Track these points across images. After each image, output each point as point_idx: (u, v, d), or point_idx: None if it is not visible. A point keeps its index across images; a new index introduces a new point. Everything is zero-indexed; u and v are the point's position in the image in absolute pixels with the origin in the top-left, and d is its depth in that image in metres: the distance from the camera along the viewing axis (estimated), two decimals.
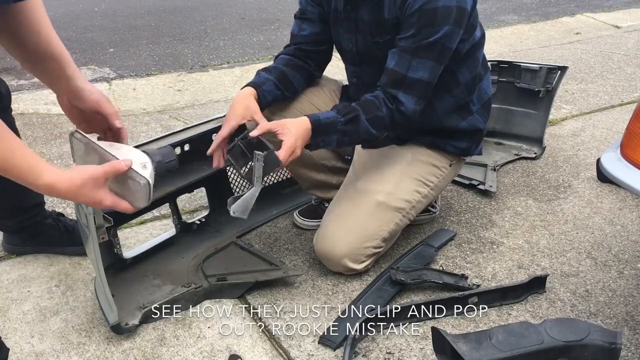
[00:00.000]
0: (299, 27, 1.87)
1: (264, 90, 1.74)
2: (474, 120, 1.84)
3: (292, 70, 1.84)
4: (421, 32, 1.59)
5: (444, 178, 1.90)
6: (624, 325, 1.61)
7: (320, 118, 1.60)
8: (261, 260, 1.83)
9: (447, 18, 1.58)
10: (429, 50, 1.61)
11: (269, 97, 1.76)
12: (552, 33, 4.96)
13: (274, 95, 1.77)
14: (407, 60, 1.62)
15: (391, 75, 1.65)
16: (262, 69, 1.83)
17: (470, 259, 1.91)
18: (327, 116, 1.61)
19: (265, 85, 1.75)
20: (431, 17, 1.57)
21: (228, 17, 5.47)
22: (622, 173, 1.41)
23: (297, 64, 1.86)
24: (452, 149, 1.87)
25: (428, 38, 1.59)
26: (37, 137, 2.71)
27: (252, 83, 1.75)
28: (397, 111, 1.65)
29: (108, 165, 1.21)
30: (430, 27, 1.58)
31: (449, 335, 1.34)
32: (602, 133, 2.86)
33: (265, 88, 1.75)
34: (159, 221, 2.10)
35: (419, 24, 1.58)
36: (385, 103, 1.64)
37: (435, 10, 1.56)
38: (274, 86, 1.77)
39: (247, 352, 1.53)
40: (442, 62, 1.65)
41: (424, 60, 1.62)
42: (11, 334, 1.58)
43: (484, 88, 1.85)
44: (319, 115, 1.61)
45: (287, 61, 1.85)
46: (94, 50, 4.40)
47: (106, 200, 1.22)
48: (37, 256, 1.90)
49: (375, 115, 1.63)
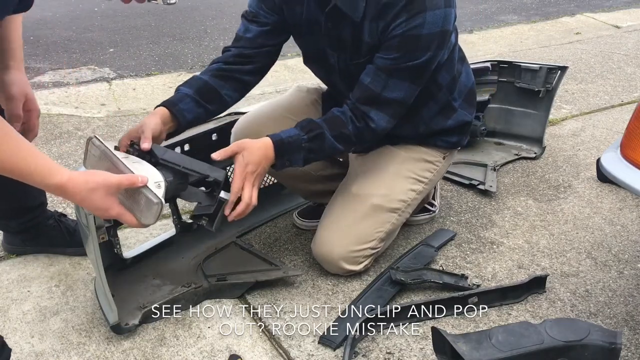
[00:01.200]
0: (245, 29, 1.74)
1: (180, 109, 1.60)
2: (460, 116, 1.83)
3: (220, 81, 1.69)
4: (403, 56, 1.55)
5: (438, 171, 1.89)
6: (624, 325, 1.61)
7: (282, 138, 1.55)
8: (261, 260, 1.84)
9: (430, 45, 1.54)
10: (407, 73, 1.57)
11: (188, 116, 1.62)
12: (552, 33, 4.96)
13: (194, 113, 1.63)
14: (383, 79, 1.58)
15: (365, 91, 1.60)
16: (184, 82, 1.69)
17: (470, 259, 1.91)
18: (289, 134, 1.56)
19: (182, 103, 1.61)
20: (414, 44, 1.53)
21: (228, 17, 5.48)
22: (622, 173, 1.41)
23: (228, 75, 1.71)
24: (443, 143, 1.86)
25: (408, 62, 1.55)
26: (37, 137, 2.71)
27: (166, 102, 1.60)
28: (367, 128, 1.61)
29: (125, 177, 1.22)
30: (411, 52, 1.54)
31: (449, 335, 1.34)
32: (602, 133, 2.86)
33: (183, 106, 1.60)
34: (159, 221, 2.08)
35: (401, 48, 1.54)
36: (352, 120, 1.60)
37: (419, 38, 1.52)
38: (194, 103, 1.63)
39: (247, 352, 1.53)
40: (419, 84, 1.62)
41: (401, 81, 1.58)
42: (11, 334, 1.58)
43: (463, 82, 1.82)
44: (281, 135, 1.56)
45: (216, 71, 1.71)
46: (94, 50, 4.40)
47: (113, 210, 1.23)
48: (37, 256, 1.90)
49: (340, 132, 1.60)
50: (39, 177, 1.14)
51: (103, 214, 1.26)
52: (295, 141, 1.56)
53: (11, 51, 1.50)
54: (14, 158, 1.11)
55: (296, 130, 1.58)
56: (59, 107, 3.23)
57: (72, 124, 2.93)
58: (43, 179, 1.14)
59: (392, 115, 1.63)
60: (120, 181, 1.22)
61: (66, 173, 1.17)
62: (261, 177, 1.55)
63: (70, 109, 3.19)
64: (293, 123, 1.86)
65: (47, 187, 1.16)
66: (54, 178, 1.15)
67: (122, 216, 1.26)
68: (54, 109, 3.17)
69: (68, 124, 2.93)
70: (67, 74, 3.87)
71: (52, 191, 1.19)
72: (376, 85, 1.59)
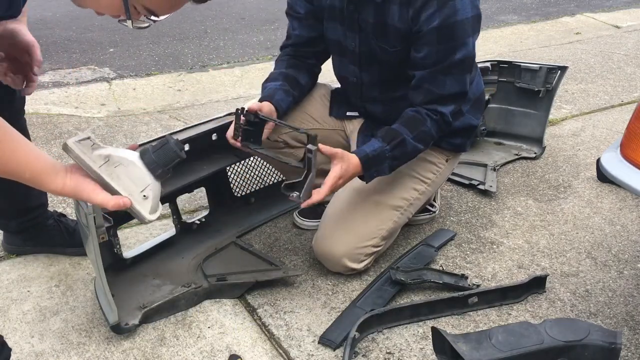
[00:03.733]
0: (291, 26, 1.87)
1: (277, 101, 1.74)
2: (466, 119, 1.85)
3: (295, 70, 1.85)
4: (446, 49, 1.60)
5: (441, 174, 1.90)
6: (624, 325, 1.61)
7: (367, 152, 1.60)
8: (261, 260, 1.84)
9: (468, 30, 1.59)
10: (460, 66, 1.63)
11: (284, 106, 1.77)
12: (552, 33, 4.96)
13: (287, 102, 1.78)
14: (441, 80, 1.63)
15: (427, 94, 1.66)
16: (266, 79, 1.84)
17: (470, 259, 1.91)
18: (373, 148, 1.61)
19: (277, 95, 1.76)
20: (452, 33, 1.58)
21: (228, 17, 5.47)
22: (622, 173, 1.41)
23: (298, 64, 1.87)
24: (447, 145, 1.87)
25: (455, 54, 1.60)
26: (37, 137, 2.71)
27: (264, 97, 1.75)
28: (442, 120, 1.67)
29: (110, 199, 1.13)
30: (453, 41, 1.59)
31: (449, 335, 1.34)
32: (602, 133, 2.86)
33: (278, 97, 1.75)
34: (159, 221, 2.10)
35: (441, 40, 1.59)
36: (429, 116, 1.66)
37: (455, 25, 1.57)
38: (284, 93, 1.78)
39: (247, 352, 1.53)
40: (470, 70, 1.68)
41: (457, 76, 1.64)
42: (11, 334, 1.58)
43: (472, 89, 1.85)
44: (365, 150, 1.61)
45: (287, 63, 1.86)
46: (94, 50, 4.40)
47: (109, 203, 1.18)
48: (37, 256, 1.90)
49: (420, 131, 1.65)
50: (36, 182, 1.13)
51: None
52: (379, 154, 1.61)
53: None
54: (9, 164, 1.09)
55: (378, 142, 1.63)
56: (59, 107, 3.22)
57: (72, 124, 2.93)
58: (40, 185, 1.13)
59: (456, 104, 1.70)
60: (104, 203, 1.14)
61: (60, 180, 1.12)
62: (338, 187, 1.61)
63: (70, 109, 3.19)
64: (299, 112, 1.89)
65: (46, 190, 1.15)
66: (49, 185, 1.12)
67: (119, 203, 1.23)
68: (54, 109, 3.17)
69: (68, 124, 2.93)
70: (67, 74, 3.87)
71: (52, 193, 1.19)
72: (436, 87, 1.65)
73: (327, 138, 1.93)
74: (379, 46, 1.71)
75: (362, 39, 1.73)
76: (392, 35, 1.66)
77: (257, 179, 2.15)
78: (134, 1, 1.12)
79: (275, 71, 1.86)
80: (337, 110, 1.97)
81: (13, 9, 1.20)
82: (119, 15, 1.15)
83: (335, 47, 1.84)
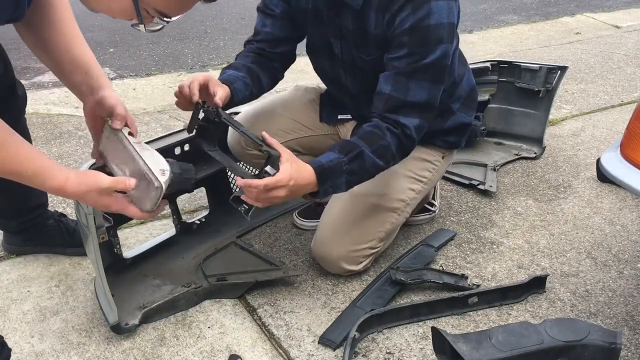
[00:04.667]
0: (262, 22, 1.78)
1: (235, 89, 1.64)
2: (458, 118, 1.83)
3: (259, 68, 1.74)
4: (416, 52, 1.50)
5: (437, 171, 1.89)
6: (624, 325, 1.61)
7: (322, 163, 1.48)
8: (261, 260, 1.83)
9: (441, 35, 1.50)
10: (427, 72, 1.52)
11: (240, 96, 1.66)
12: (552, 33, 4.96)
13: (243, 94, 1.67)
14: (404, 83, 1.53)
15: (388, 101, 1.55)
16: (227, 66, 1.74)
17: (470, 259, 1.91)
18: (329, 159, 1.49)
19: (237, 84, 1.65)
20: (424, 36, 1.49)
21: (228, 17, 5.47)
22: (622, 173, 1.41)
23: (263, 63, 1.76)
24: (442, 143, 1.86)
25: (425, 59, 1.50)
26: (37, 137, 2.71)
27: (223, 80, 1.64)
28: (403, 135, 1.55)
29: (115, 180, 1.24)
30: (425, 46, 1.50)
31: (449, 335, 1.34)
32: (602, 133, 2.86)
33: (237, 86, 1.65)
34: (159, 221, 2.10)
35: (412, 43, 1.50)
36: (389, 129, 1.54)
37: (428, 29, 1.48)
38: (244, 85, 1.67)
39: (247, 352, 1.53)
40: (441, 81, 1.57)
41: (422, 82, 1.53)
42: (11, 334, 1.58)
43: (463, 87, 1.82)
44: (321, 160, 1.49)
45: (252, 59, 1.76)
46: (94, 50, 4.34)
47: (112, 207, 1.26)
48: (37, 256, 1.90)
49: (379, 145, 1.52)
50: (38, 180, 1.16)
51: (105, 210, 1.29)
52: (336, 166, 1.48)
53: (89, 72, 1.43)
54: (12, 163, 1.13)
55: (334, 153, 1.50)
56: (59, 107, 3.22)
57: (72, 124, 2.93)
58: (43, 183, 1.17)
59: (422, 119, 1.57)
60: (111, 184, 1.22)
61: (64, 175, 1.18)
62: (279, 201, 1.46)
63: (70, 109, 3.19)
64: (289, 121, 1.85)
65: (47, 189, 1.19)
66: (52, 181, 1.17)
67: (124, 210, 1.27)
68: (54, 109, 3.16)
69: (68, 124, 2.93)
70: None
71: (53, 193, 1.22)
72: (399, 92, 1.54)
73: (320, 144, 1.92)
74: (358, 55, 1.66)
75: (343, 46, 1.69)
76: (370, 42, 1.61)
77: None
78: (145, 4, 1.12)
79: (239, 62, 1.74)
80: (327, 115, 1.94)
81: (19, 11, 1.21)
82: (132, 19, 1.15)
83: (322, 51, 1.78)
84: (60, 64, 1.38)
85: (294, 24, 1.77)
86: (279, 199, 1.43)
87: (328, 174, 1.48)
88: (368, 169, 1.53)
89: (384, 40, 1.57)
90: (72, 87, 1.42)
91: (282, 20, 1.75)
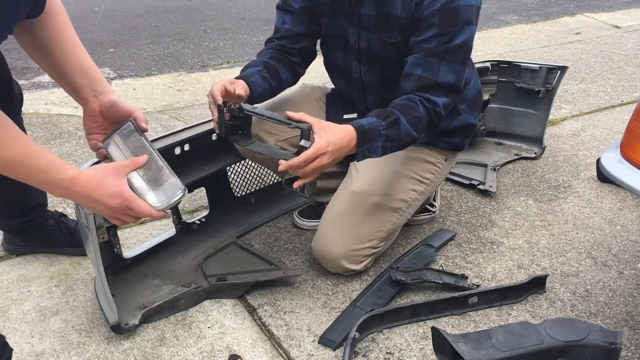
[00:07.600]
0: (281, 20, 1.82)
1: (252, 82, 1.67)
2: (464, 118, 1.84)
3: (278, 63, 1.79)
4: (445, 33, 1.55)
5: (440, 173, 1.89)
6: (624, 325, 1.61)
7: (363, 124, 1.50)
8: (261, 260, 1.84)
9: (470, 17, 1.56)
10: (457, 53, 1.57)
11: (258, 89, 1.69)
12: (552, 33, 4.96)
13: (262, 88, 1.70)
14: (435, 65, 1.57)
15: (419, 81, 1.59)
16: (246, 65, 1.78)
17: (470, 259, 1.91)
18: (369, 121, 1.51)
19: (254, 77, 1.69)
20: (454, 17, 1.54)
21: (228, 17, 5.47)
22: (622, 173, 1.41)
23: (282, 58, 1.81)
24: (445, 145, 1.87)
25: (454, 40, 1.55)
26: (37, 137, 2.72)
27: (241, 75, 1.69)
28: (433, 111, 1.59)
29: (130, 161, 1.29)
30: (454, 26, 1.55)
31: (449, 335, 1.34)
32: (602, 133, 2.86)
33: (254, 79, 1.68)
34: (159, 221, 2.10)
35: (442, 23, 1.54)
36: (422, 103, 1.58)
37: (458, 9, 1.54)
38: (261, 79, 1.71)
39: (247, 352, 1.53)
40: (467, 63, 1.63)
41: (453, 64, 1.58)
42: (11, 334, 1.58)
43: (470, 89, 1.84)
44: (361, 122, 1.51)
45: (271, 55, 1.80)
46: (94, 50, 4.40)
47: (125, 193, 1.25)
48: (37, 256, 1.90)
49: (413, 115, 1.55)
50: (51, 173, 1.16)
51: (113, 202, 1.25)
52: (374, 128, 1.50)
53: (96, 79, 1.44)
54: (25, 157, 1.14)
55: (373, 117, 1.53)
56: (59, 107, 3.22)
57: (72, 124, 2.93)
58: (56, 175, 1.17)
59: (449, 98, 1.61)
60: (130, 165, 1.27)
61: (76, 168, 1.21)
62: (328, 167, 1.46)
63: (70, 109, 3.19)
64: None
65: (60, 182, 1.18)
66: (66, 173, 1.18)
67: (133, 202, 1.26)
68: (54, 109, 3.17)
69: (68, 124, 2.93)
70: None
71: (62, 187, 1.20)
72: (430, 73, 1.58)
73: None
74: (379, 39, 1.69)
75: (361, 35, 1.72)
76: (394, 26, 1.65)
77: (257, 179, 2.16)
78: None
79: (257, 59, 1.80)
80: (333, 114, 1.96)
81: (37, 8, 1.24)
82: None
83: (337, 43, 1.81)
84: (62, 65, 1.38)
85: (312, 20, 1.81)
86: (326, 165, 1.44)
87: (367, 135, 1.50)
88: (402, 137, 1.56)
89: (410, 23, 1.61)
90: (73, 89, 1.42)
91: (301, 15, 1.80)
